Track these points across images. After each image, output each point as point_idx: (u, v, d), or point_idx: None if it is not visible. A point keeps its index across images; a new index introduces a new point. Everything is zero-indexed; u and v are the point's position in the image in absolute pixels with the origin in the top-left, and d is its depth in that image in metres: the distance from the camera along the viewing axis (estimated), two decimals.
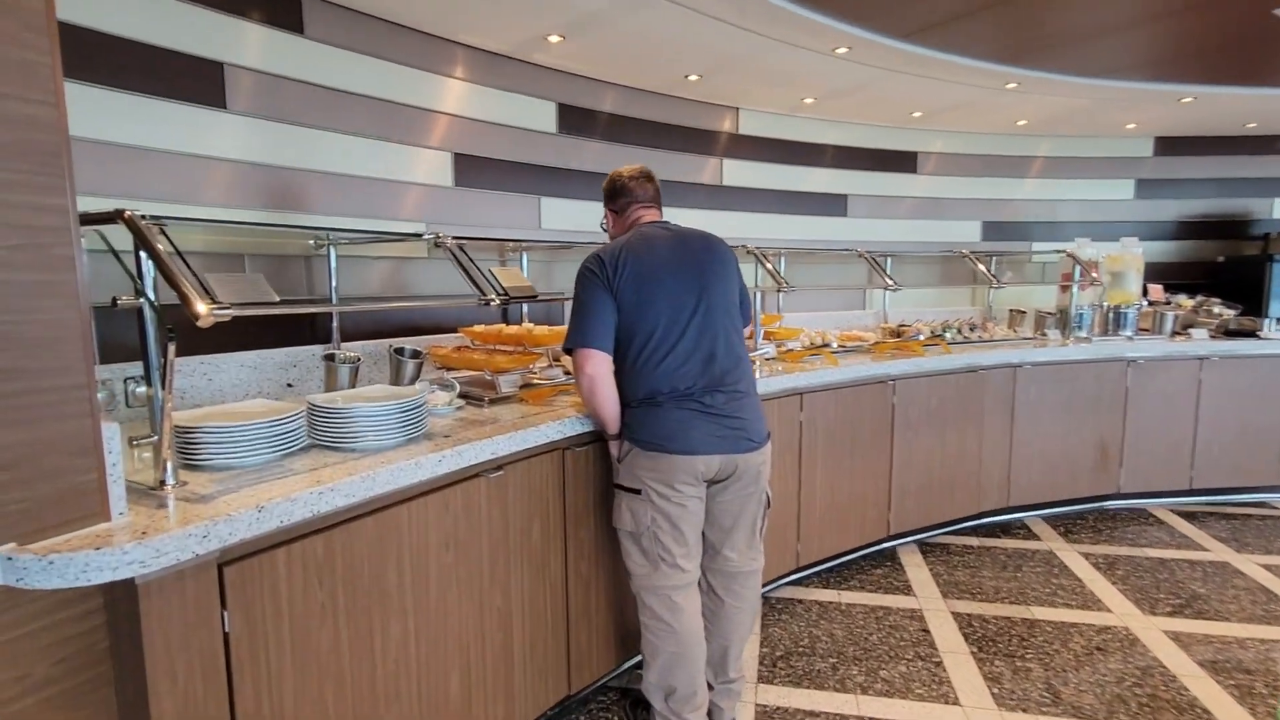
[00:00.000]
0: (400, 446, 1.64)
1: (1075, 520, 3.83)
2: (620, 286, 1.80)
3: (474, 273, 1.92)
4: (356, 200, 2.51)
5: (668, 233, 1.91)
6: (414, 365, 2.23)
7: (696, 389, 1.81)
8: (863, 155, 4.45)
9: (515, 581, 1.86)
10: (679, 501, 1.82)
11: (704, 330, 1.83)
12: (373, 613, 1.47)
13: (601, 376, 1.83)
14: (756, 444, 1.87)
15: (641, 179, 2.02)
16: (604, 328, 1.80)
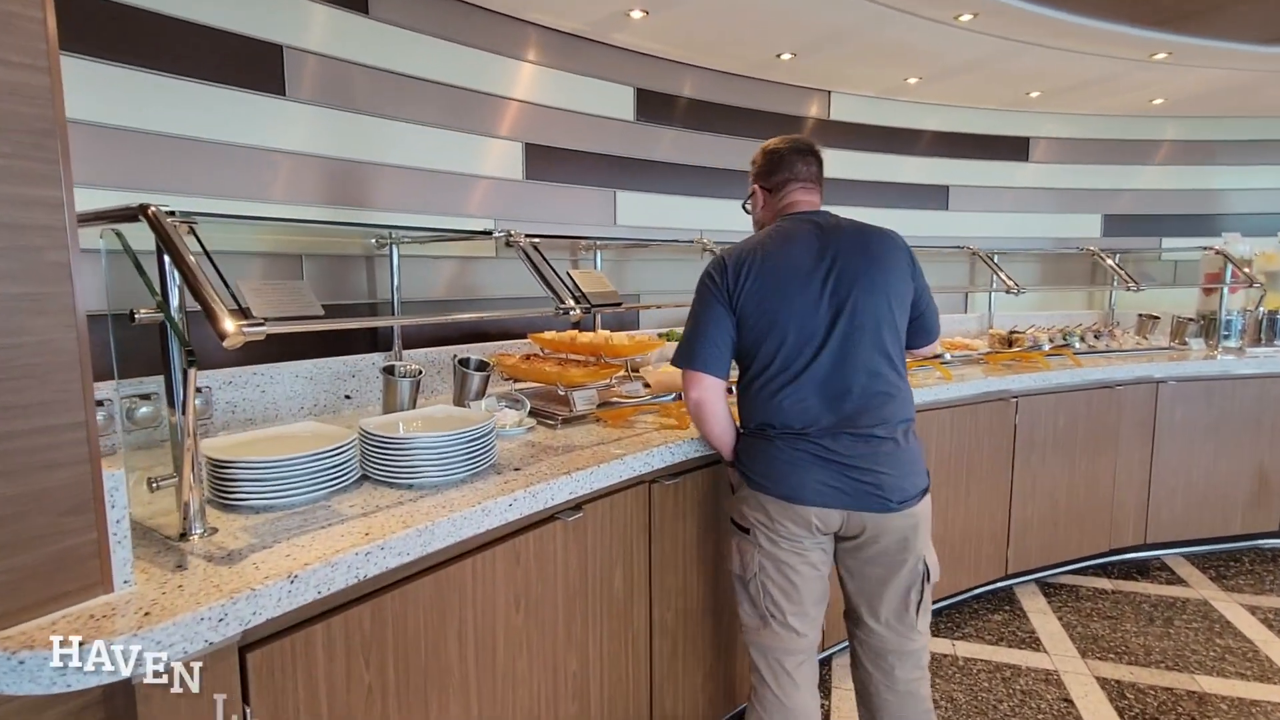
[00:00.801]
0: (465, 482, 1.39)
1: (1226, 562, 3.28)
2: (742, 300, 1.51)
3: (549, 276, 1.65)
4: (421, 195, 2.30)
5: (816, 228, 1.55)
6: (480, 379, 1.98)
7: (816, 429, 1.48)
8: (967, 142, 3.98)
9: (594, 641, 1.58)
10: (790, 550, 1.53)
11: (842, 357, 1.48)
12: (429, 693, 1.22)
13: (709, 402, 1.56)
14: (894, 503, 1.48)
15: (806, 154, 1.65)
16: (716, 349, 1.53)
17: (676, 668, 1.81)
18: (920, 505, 1.52)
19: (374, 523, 1.18)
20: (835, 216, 1.60)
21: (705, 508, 1.85)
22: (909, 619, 1.58)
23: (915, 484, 1.52)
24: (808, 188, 1.65)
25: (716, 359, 1.53)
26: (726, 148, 3.24)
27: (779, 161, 1.64)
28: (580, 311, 1.59)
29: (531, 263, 1.67)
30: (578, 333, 2.33)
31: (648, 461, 1.63)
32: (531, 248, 1.73)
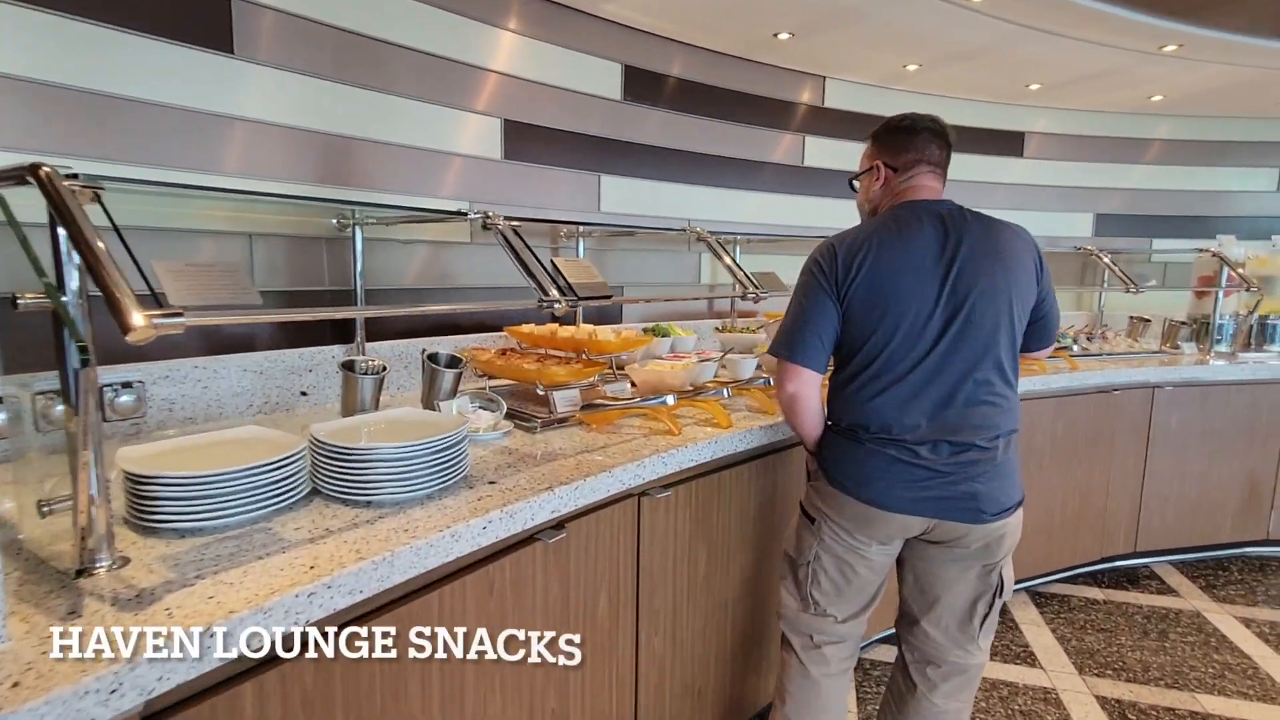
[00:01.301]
0: (432, 499, 1.21)
1: (1215, 571, 3.23)
2: (852, 292, 1.40)
3: (531, 264, 1.47)
4: (389, 172, 2.09)
5: (939, 221, 1.41)
6: (452, 377, 1.79)
7: (913, 437, 1.39)
8: (961, 135, 3.85)
9: (574, 673, 1.42)
10: (855, 551, 1.49)
11: (951, 359, 1.38)
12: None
13: (805, 397, 1.47)
14: (989, 515, 1.41)
15: (940, 136, 1.50)
16: (817, 342, 1.42)
17: (664, 698, 1.66)
18: (1013, 518, 1.45)
19: (322, 552, 0.99)
20: (960, 208, 1.45)
21: (698, 521, 1.69)
22: (970, 630, 1.51)
23: (1011, 496, 1.44)
24: (936, 173, 1.50)
25: (817, 352, 1.43)
26: (717, 133, 3.07)
27: (912, 139, 1.49)
28: (566, 304, 1.42)
29: (512, 249, 1.49)
30: (558, 327, 2.15)
31: (638, 473, 1.46)
32: (512, 232, 1.54)
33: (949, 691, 1.56)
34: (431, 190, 2.20)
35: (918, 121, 1.50)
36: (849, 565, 1.50)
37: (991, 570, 1.48)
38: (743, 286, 2.00)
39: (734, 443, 1.72)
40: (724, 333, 2.89)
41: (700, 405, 1.81)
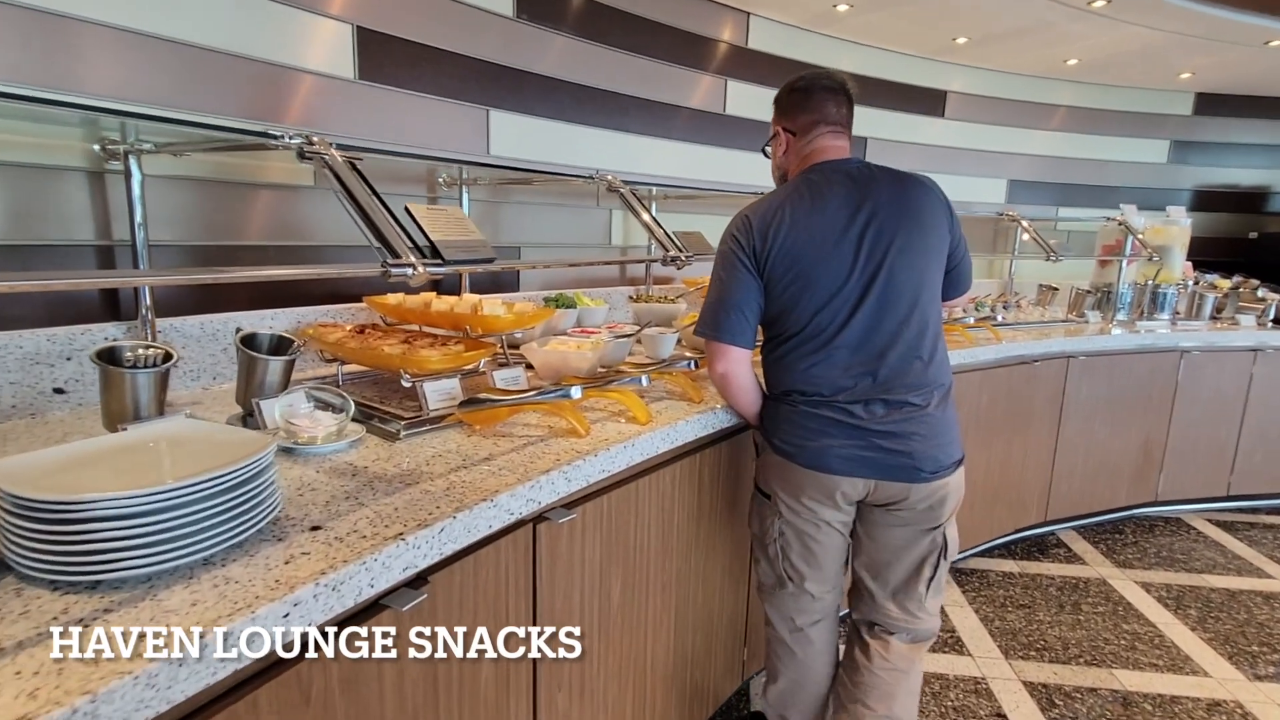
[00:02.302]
0: (209, 566, 0.79)
1: (1111, 534, 3.31)
2: (770, 264, 1.39)
3: (374, 211, 1.02)
4: (190, 86, 1.54)
5: (849, 181, 1.39)
6: (280, 367, 1.33)
7: (845, 396, 1.39)
8: (884, 90, 3.65)
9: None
10: (810, 520, 1.48)
11: (877, 319, 1.37)
12: None
13: (736, 375, 1.47)
14: (927, 473, 1.40)
15: (836, 93, 1.46)
16: (742, 319, 1.41)
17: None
18: (953, 476, 1.44)
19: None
20: (868, 165, 1.43)
21: (611, 543, 1.35)
22: (917, 594, 1.51)
23: (949, 454, 1.43)
24: (837, 132, 1.46)
25: (743, 328, 1.42)
26: (630, 69, 2.66)
27: (805, 100, 1.46)
28: (425, 271, 0.99)
29: (346, 190, 1.03)
30: (434, 297, 1.71)
31: (531, 497, 1.09)
32: (348, 168, 1.08)
33: (901, 653, 1.53)
34: (259, 115, 1.67)
35: (813, 80, 1.47)
36: (809, 535, 1.49)
37: (935, 530, 1.46)
38: (663, 248, 1.64)
39: (655, 443, 1.38)
40: (638, 303, 2.53)
41: (613, 396, 1.45)
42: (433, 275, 1.01)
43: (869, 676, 1.53)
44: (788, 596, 1.55)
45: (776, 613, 1.59)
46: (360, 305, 1.83)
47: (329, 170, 1.03)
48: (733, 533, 1.77)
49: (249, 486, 0.84)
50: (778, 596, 1.57)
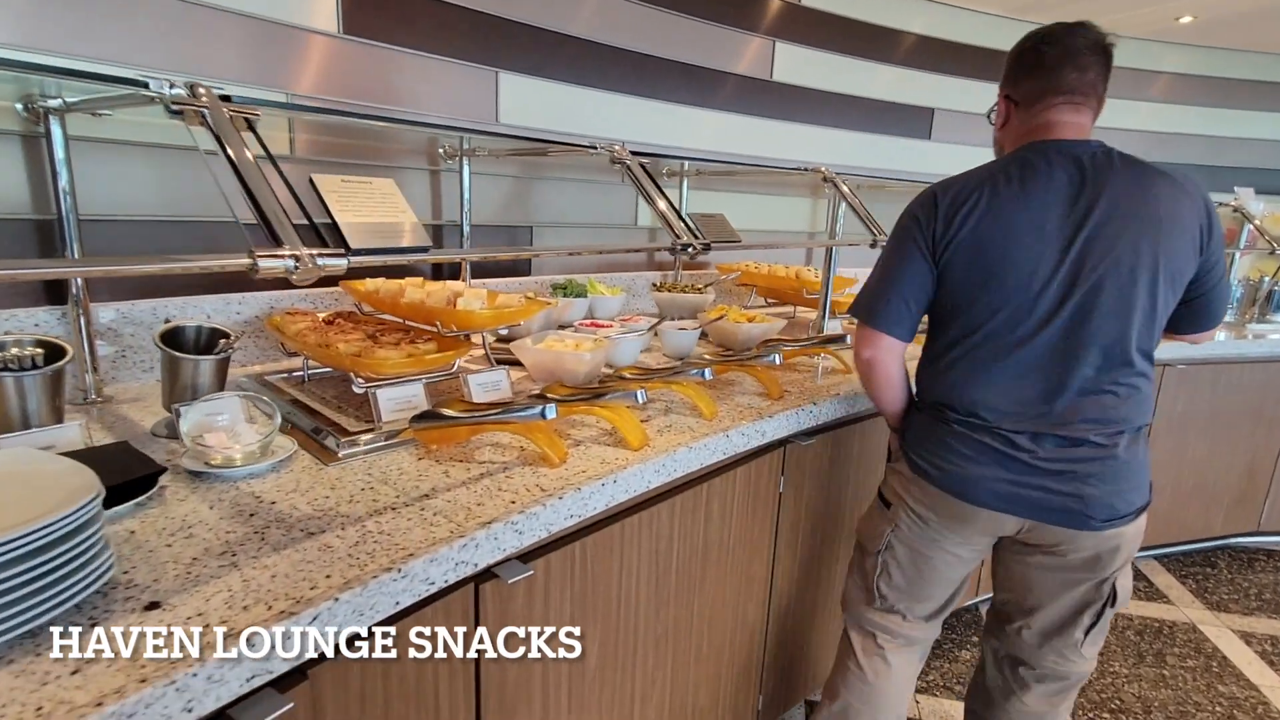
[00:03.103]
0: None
1: (1203, 568, 2.88)
2: (950, 252, 1.19)
3: (258, 184, 0.77)
4: (130, 36, 1.34)
5: (1075, 165, 1.15)
6: (209, 367, 1.14)
7: (1009, 423, 1.19)
8: (960, 54, 3.22)
9: None
10: (934, 544, 1.31)
11: (1069, 339, 1.15)
12: None
13: (881, 365, 1.30)
14: (1099, 521, 1.18)
15: (1082, 54, 1.17)
16: (903, 306, 1.24)
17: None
18: (1130, 526, 1.22)
19: None
20: (1107, 152, 1.16)
21: (581, 599, 1.11)
22: (1072, 639, 1.32)
23: (1129, 501, 1.21)
24: (1076, 105, 1.19)
25: (901, 318, 1.25)
26: (667, 28, 2.35)
27: (1036, 61, 1.19)
28: (312, 264, 0.75)
29: (225, 154, 0.79)
30: (412, 283, 1.48)
31: (466, 559, 0.86)
32: (243, 125, 0.83)
33: (1044, 695, 1.37)
34: (221, 71, 1.47)
35: (1053, 37, 1.18)
36: (925, 558, 1.33)
37: (1102, 583, 1.26)
38: (672, 233, 1.36)
39: (644, 477, 1.12)
40: (661, 292, 2.26)
41: (601, 414, 1.20)
42: (330, 270, 0.78)
43: (1002, 716, 1.43)
44: (873, 613, 1.41)
45: (857, 628, 1.46)
46: (334, 289, 1.63)
47: (209, 129, 0.80)
48: (748, 569, 1.51)
49: (44, 559, 0.62)
50: (862, 609, 1.43)
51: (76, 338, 1.27)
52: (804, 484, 1.61)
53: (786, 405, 1.46)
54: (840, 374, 1.76)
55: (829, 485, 1.69)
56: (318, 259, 0.75)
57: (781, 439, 1.48)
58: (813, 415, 1.50)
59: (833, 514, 1.73)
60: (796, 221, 3.02)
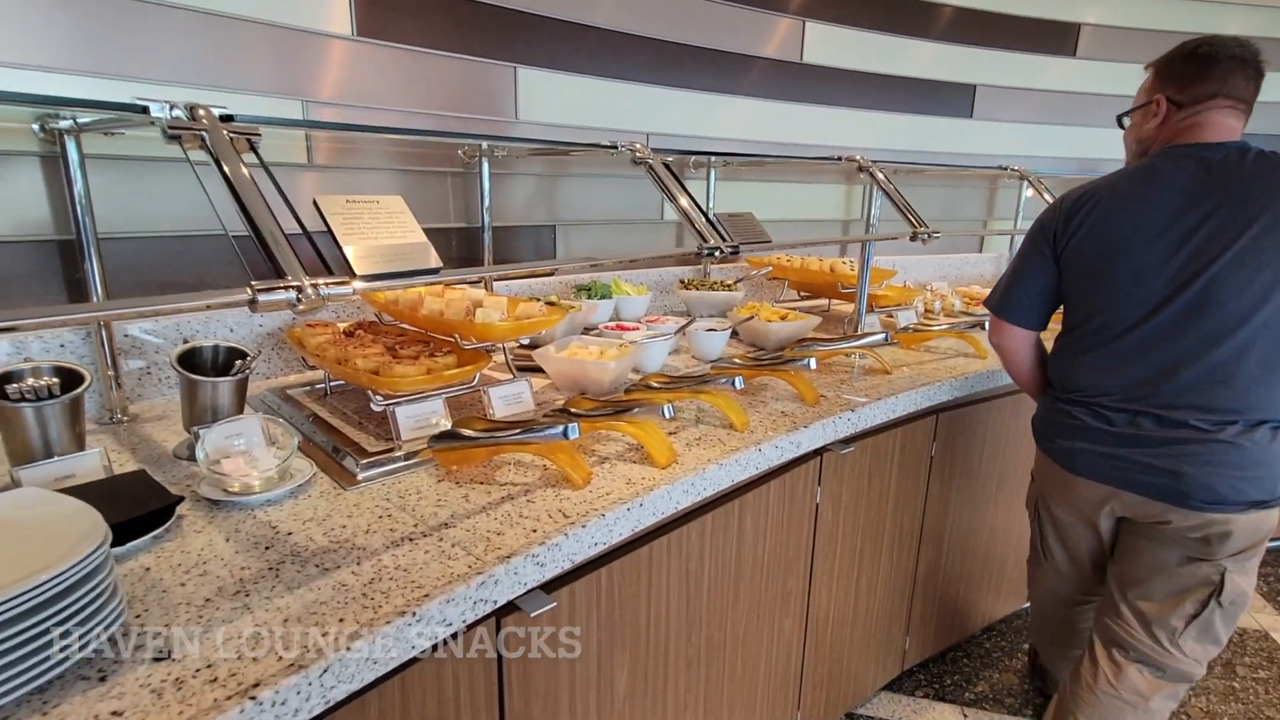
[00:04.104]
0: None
1: (1274, 566, 2.72)
2: (1067, 251, 1.35)
3: (259, 212, 0.74)
4: (180, 56, 1.33)
5: (1202, 168, 1.24)
6: (228, 389, 1.12)
7: (1109, 401, 1.33)
8: (999, 25, 3.04)
9: None
10: (1057, 516, 1.54)
11: (1179, 330, 1.24)
12: None
13: (1011, 351, 1.52)
14: (1198, 501, 1.25)
15: (1247, 64, 1.26)
16: (1028, 300, 1.43)
17: None
18: (1243, 515, 1.25)
19: None
20: (1244, 150, 1.24)
21: (609, 628, 1.07)
22: (1169, 626, 1.34)
23: (1238, 489, 1.24)
24: (1236, 110, 1.28)
25: (1027, 310, 1.44)
26: (688, 12, 2.26)
27: (1208, 67, 1.26)
28: (314, 294, 0.71)
29: (225, 179, 0.75)
30: (431, 291, 1.45)
31: (485, 597, 0.81)
32: (246, 147, 0.80)
33: (1135, 684, 1.38)
34: (238, 81, 1.45)
35: (1219, 47, 1.27)
36: (1063, 525, 1.53)
37: (1214, 572, 1.29)
38: (700, 238, 1.30)
39: (673, 498, 1.07)
40: (689, 289, 2.19)
41: (626, 429, 1.15)
42: (335, 298, 0.74)
43: (1088, 695, 1.44)
44: (1044, 574, 1.65)
45: (1035, 584, 1.71)
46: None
47: (207, 152, 0.76)
48: (783, 584, 1.45)
49: (49, 613, 0.60)
50: (1038, 570, 1.67)
51: (100, 357, 1.27)
52: (842, 494, 1.53)
53: (822, 412, 1.39)
54: (879, 374, 1.67)
55: (869, 494, 1.61)
56: (321, 289, 0.71)
57: (818, 448, 1.41)
58: (850, 423, 1.42)
59: (873, 523, 1.66)
60: (830, 210, 2.91)
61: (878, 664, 1.85)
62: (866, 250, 1.99)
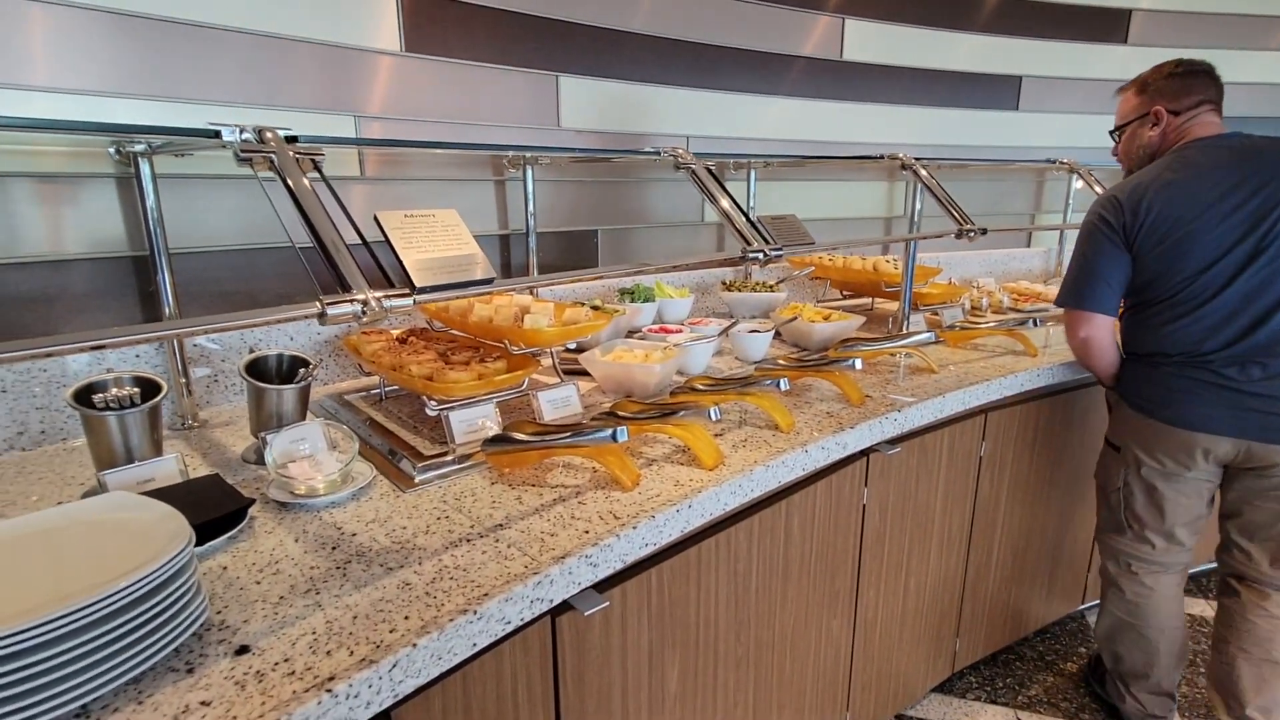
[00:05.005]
0: (88, 714, 0.61)
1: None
2: (1143, 236, 1.47)
3: (325, 229, 0.78)
4: (215, 74, 1.39)
5: (1231, 154, 1.46)
6: (293, 396, 1.17)
7: (1219, 358, 1.45)
8: (1046, 13, 2.96)
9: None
10: (1160, 474, 1.57)
11: (1260, 287, 1.41)
12: None
13: (1097, 340, 1.58)
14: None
15: (1210, 74, 1.58)
16: (1107, 288, 1.52)
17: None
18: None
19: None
20: (1251, 138, 1.48)
21: (663, 619, 1.08)
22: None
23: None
24: (1218, 110, 1.57)
25: (1106, 297, 1.53)
26: (726, 15, 2.26)
27: (1193, 81, 1.56)
28: (378, 306, 0.74)
29: (294, 200, 0.80)
30: (483, 298, 1.49)
31: (541, 595, 0.84)
32: (309, 166, 0.85)
33: (1272, 606, 1.51)
34: (293, 99, 1.51)
35: (1194, 65, 1.57)
36: (1157, 491, 1.57)
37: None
38: (742, 241, 1.30)
39: (720, 499, 1.08)
40: (731, 290, 2.20)
41: (673, 432, 1.16)
42: (394, 310, 0.77)
43: (1242, 623, 1.54)
44: (1125, 542, 1.66)
45: (1111, 556, 1.71)
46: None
47: (276, 173, 0.81)
48: (831, 584, 1.45)
49: (142, 609, 0.64)
50: (1115, 541, 1.69)
51: (172, 366, 1.34)
52: (889, 494, 1.52)
53: (868, 413, 1.38)
54: (925, 374, 1.65)
55: (916, 494, 1.59)
56: (384, 301, 0.75)
57: (864, 449, 1.40)
58: (897, 423, 1.41)
59: (921, 523, 1.64)
60: (873, 207, 2.87)
61: (928, 665, 1.82)
62: (911, 249, 1.97)
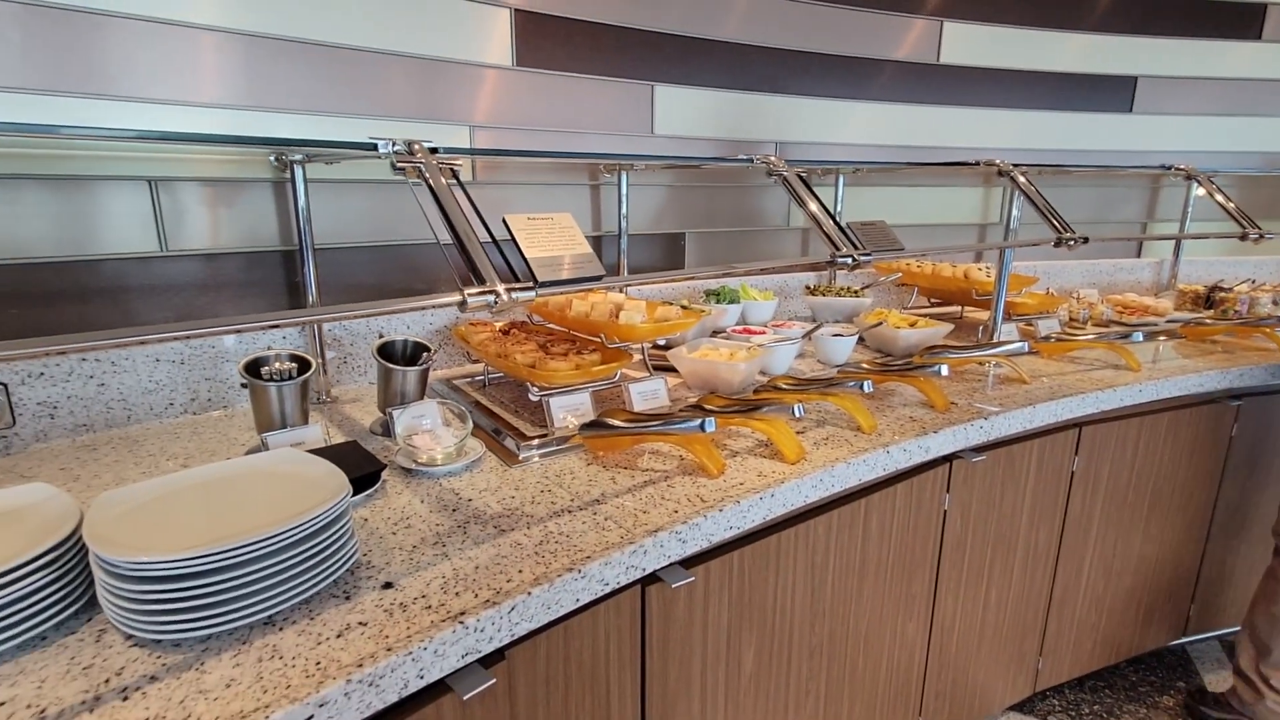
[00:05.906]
0: (272, 626, 0.74)
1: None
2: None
3: (465, 232, 0.90)
4: (340, 89, 1.57)
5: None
6: (415, 376, 1.32)
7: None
8: (1170, 9, 2.80)
9: None
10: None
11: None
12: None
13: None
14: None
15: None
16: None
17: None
18: None
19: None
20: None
21: (742, 604, 1.15)
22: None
23: None
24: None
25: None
26: (818, 22, 2.29)
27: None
28: (507, 297, 0.86)
29: (439, 205, 0.93)
30: (577, 295, 1.60)
31: (635, 564, 0.93)
32: (449, 175, 0.97)
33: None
34: (413, 112, 1.67)
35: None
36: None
37: None
38: (831, 245, 1.35)
39: (802, 491, 1.13)
40: (815, 295, 2.22)
41: (757, 426, 1.22)
42: (520, 301, 0.88)
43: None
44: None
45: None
46: None
47: (424, 182, 0.93)
48: (908, 587, 1.46)
49: (314, 542, 0.78)
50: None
51: (312, 347, 1.52)
52: (972, 502, 1.52)
53: (953, 419, 1.39)
54: (1015, 383, 1.63)
55: (1001, 504, 1.58)
56: (513, 293, 0.86)
57: (947, 454, 1.41)
58: (983, 431, 1.41)
59: (1005, 535, 1.62)
60: (966, 214, 2.81)
61: (1006, 681, 1.79)
62: (1005, 256, 1.93)
